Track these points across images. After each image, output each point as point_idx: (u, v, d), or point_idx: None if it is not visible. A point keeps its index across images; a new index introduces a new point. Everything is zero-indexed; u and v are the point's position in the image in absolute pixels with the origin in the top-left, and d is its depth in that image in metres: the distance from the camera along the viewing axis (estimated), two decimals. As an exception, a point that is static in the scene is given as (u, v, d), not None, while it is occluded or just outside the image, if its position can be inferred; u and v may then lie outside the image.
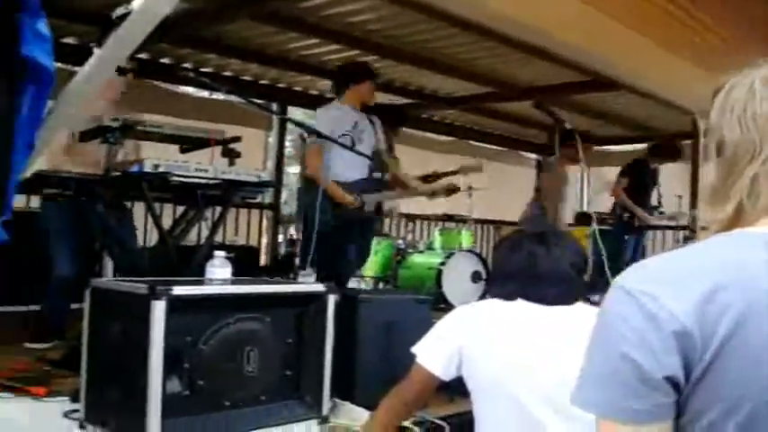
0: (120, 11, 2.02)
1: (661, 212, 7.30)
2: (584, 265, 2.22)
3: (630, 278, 1.02)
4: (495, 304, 2.13)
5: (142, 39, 2.09)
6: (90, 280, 2.63)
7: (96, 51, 2.11)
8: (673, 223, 7.78)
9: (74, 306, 3.89)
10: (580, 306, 2.11)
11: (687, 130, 7.88)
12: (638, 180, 7.08)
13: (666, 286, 0.97)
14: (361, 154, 4.53)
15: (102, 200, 3.54)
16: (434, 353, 2.10)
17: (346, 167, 4.63)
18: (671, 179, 8.44)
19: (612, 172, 8.64)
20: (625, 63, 5.66)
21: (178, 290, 2.35)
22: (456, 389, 2.26)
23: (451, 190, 5.38)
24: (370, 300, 3.28)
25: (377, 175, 4.93)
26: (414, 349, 2.15)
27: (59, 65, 4.16)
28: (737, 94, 1.07)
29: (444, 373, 2.08)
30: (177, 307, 2.34)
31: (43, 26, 2.00)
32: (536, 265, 2.08)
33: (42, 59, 1.93)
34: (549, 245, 2.11)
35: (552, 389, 1.92)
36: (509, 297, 2.11)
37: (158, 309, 2.29)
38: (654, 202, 7.32)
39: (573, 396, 1.03)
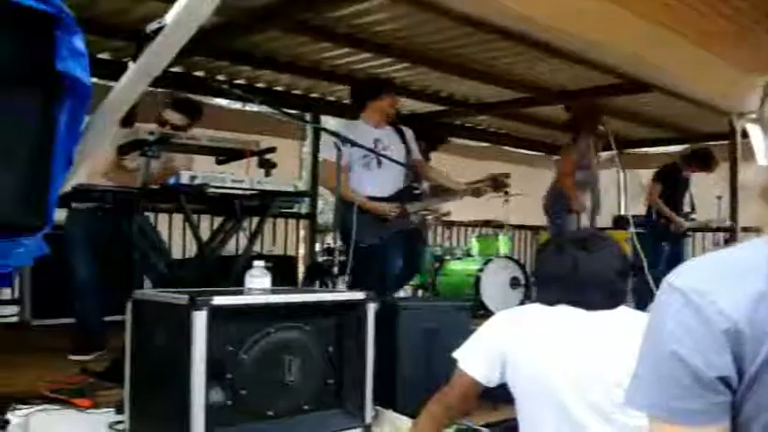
0: (153, 25, 2.04)
1: (692, 219, 7.19)
2: (628, 269, 2.18)
3: (682, 277, 1.01)
4: (537, 309, 2.11)
5: (176, 52, 2.10)
6: (132, 292, 2.65)
7: (131, 66, 2.13)
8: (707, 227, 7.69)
9: (116, 318, 3.94)
10: (623, 310, 2.08)
11: (724, 131, 7.76)
12: (672, 186, 6.98)
13: (718, 285, 0.95)
14: (393, 160, 4.44)
15: (140, 212, 3.57)
16: (476, 358, 2.08)
17: (375, 184, 4.51)
18: (709, 180, 8.32)
19: (648, 174, 8.56)
20: (659, 64, 5.60)
21: (218, 300, 2.36)
22: (500, 396, 2.23)
23: (499, 184, 5.16)
24: (410, 307, 3.26)
25: (415, 185, 4.88)
26: (455, 354, 2.13)
27: (96, 80, 4.25)
28: None
29: (486, 378, 2.05)
30: (218, 317, 2.34)
31: (79, 42, 2.03)
32: (579, 271, 2.05)
33: (79, 74, 1.95)
34: (591, 249, 2.08)
35: (596, 393, 1.91)
36: (552, 302, 2.08)
37: (199, 319, 2.29)
38: (687, 208, 7.21)
39: (626, 397, 1.02)
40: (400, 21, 5.31)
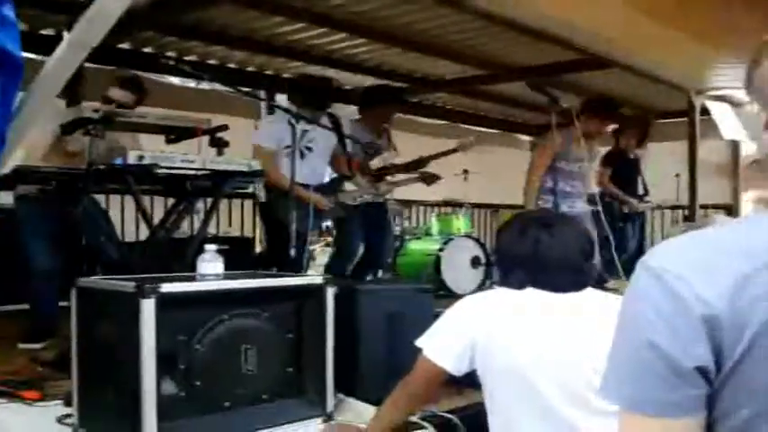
0: (90, -9, 1.88)
1: (646, 201, 7.22)
2: (592, 250, 2.11)
3: (657, 258, 0.92)
4: (504, 293, 2.03)
5: (113, 21, 1.94)
6: (76, 279, 2.49)
7: (66, 36, 1.96)
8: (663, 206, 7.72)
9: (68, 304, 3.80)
10: (591, 291, 2.02)
11: (681, 108, 7.79)
12: (621, 168, 6.96)
13: (697, 268, 0.88)
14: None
15: (87, 194, 3.40)
16: (443, 346, 1.98)
17: (300, 174, 4.21)
18: (668, 157, 8.36)
19: (603, 152, 8.58)
20: (618, 39, 5.55)
21: (167, 287, 2.22)
22: (464, 381, 2.14)
23: (428, 179, 5.40)
24: (370, 291, 3.14)
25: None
26: (419, 342, 2.03)
27: (35, 56, 4.05)
28: None
29: (455, 367, 1.97)
30: (167, 305, 2.21)
31: (8, 10, 1.86)
32: (542, 252, 1.97)
33: (8, 46, 1.78)
34: (553, 230, 2.00)
35: (567, 376, 1.86)
36: (519, 286, 2.00)
37: (147, 308, 2.16)
38: (640, 191, 7.23)
39: (600, 388, 0.96)
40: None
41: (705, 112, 7.52)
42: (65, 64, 2.04)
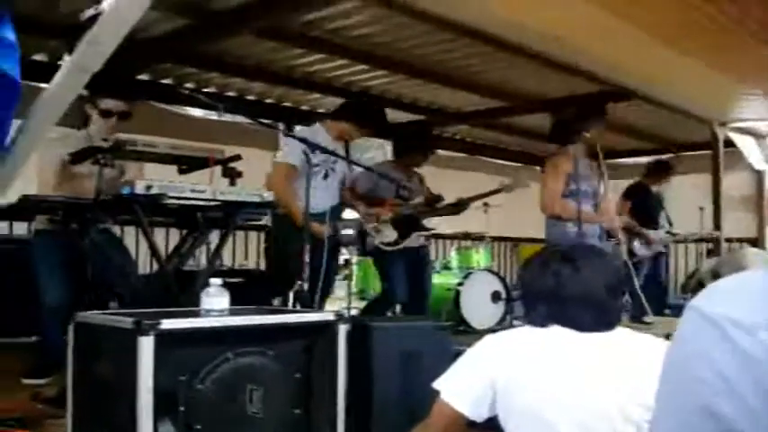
0: (89, 12, 1.78)
1: (669, 233, 7.05)
2: (620, 286, 1.96)
3: (713, 302, 0.75)
4: (527, 332, 1.88)
5: (116, 44, 1.84)
6: (75, 313, 2.38)
7: (66, 60, 1.87)
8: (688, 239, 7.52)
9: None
10: (621, 332, 1.86)
11: (703, 140, 7.64)
12: (642, 202, 6.81)
13: (763, 313, 0.70)
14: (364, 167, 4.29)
15: (94, 225, 3.31)
16: (462, 389, 1.83)
17: (316, 197, 4.01)
18: (692, 190, 8.19)
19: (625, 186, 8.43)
20: (643, 72, 5.45)
21: (168, 323, 2.10)
22: (480, 424, 1.99)
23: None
24: (385, 327, 2.98)
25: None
26: (436, 384, 1.88)
27: (32, 83, 3.99)
28: None
29: (474, 411, 1.81)
30: (168, 342, 2.09)
31: (7, 31, 1.79)
32: (562, 287, 1.83)
33: (4, 65, 1.70)
34: (577, 263, 1.85)
35: (591, 420, 1.71)
36: (542, 323, 1.86)
37: (146, 345, 2.03)
38: (665, 225, 7.07)
39: None
40: (377, 25, 5.10)
41: (728, 144, 7.37)
42: (65, 89, 1.95)
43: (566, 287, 1.83)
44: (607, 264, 1.91)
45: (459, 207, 5.35)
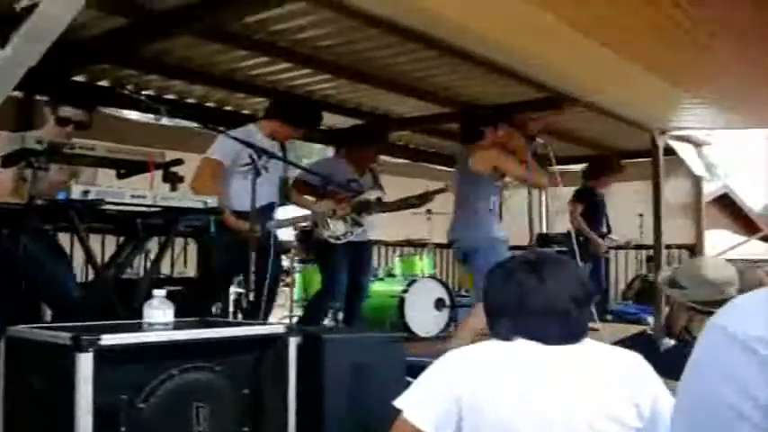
0: (24, 1, 1.64)
1: (610, 238, 7.24)
2: (588, 297, 1.92)
3: (736, 319, 0.70)
4: (492, 346, 1.82)
5: (55, 36, 1.71)
6: (4, 328, 2.22)
7: (0, 53, 1.73)
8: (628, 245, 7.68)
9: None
10: (588, 343, 1.82)
11: (643, 147, 7.76)
12: (590, 206, 6.96)
13: None
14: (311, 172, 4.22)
15: (26, 231, 3.13)
16: (426, 407, 1.76)
17: (246, 197, 3.98)
18: (631, 197, 8.32)
19: (570, 191, 8.51)
20: (584, 77, 5.48)
21: (108, 339, 1.98)
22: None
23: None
24: (336, 339, 2.89)
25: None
26: (398, 403, 1.80)
27: None
28: None
29: (438, 430, 1.74)
30: (108, 359, 1.96)
31: None
32: (526, 299, 1.77)
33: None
34: (541, 274, 1.80)
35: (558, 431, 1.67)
36: (506, 336, 1.80)
37: (84, 362, 1.91)
38: (603, 229, 7.23)
39: None
40: (322, 27, 4.99)
41: (667, 152, 7.51)
42: (-2, 85, 1.80)
43: (530, 299, 1.78)
44: (573, 274, 1.86)
45: (406, 204, 5.39)
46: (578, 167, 9.38)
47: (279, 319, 5.70)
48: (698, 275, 2.56)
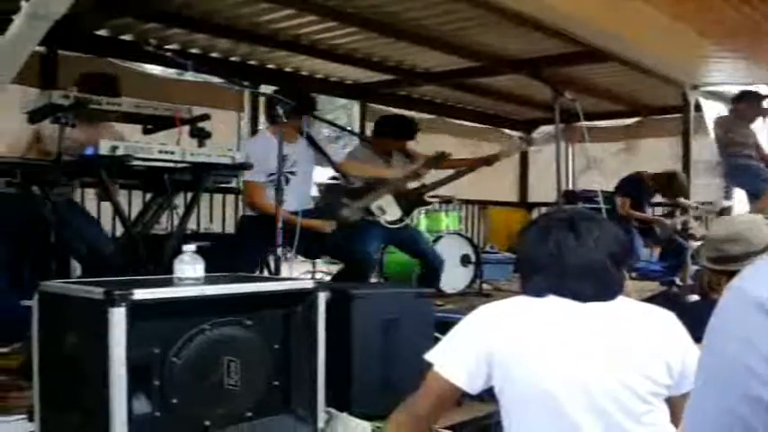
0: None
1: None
2: (625, 255, 1.88)
3: (759, 282, 0.69)
4: (523, 302, 1.80)
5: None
6: (38, 282, 2.24)
7: (24, 6, 1.70)
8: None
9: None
10: (622, 301, 1.79)
11: (675, 104, 7.62)
12: (637, 197, 6.98)
13: None
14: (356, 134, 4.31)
15: (54, 188, 3.13)
16: (457, 361, 1.75)
17: (294, 199, 4.12)
18: (660, 156, 8.20)
19: (596, 148, 8.40)
20: (616, 30, 5.36)
21: (140, 293, 1.97)
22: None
23: (433, 164, 5.20)
24: (365, 295, 2.88)
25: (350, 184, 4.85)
26: (429, 356, 1.79)
27: None
28: None
29: (470, 384, 1.73)
30: (140, 314, 1.96)
31: None
32: (564, 257, 1.74)
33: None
34: (579, 232, 1.77)
35: (593, 392, 1.65)
36: (539, 293, 1.78)
37: (117, 317, 1.91)
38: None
39: None
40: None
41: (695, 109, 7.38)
42: (24, 38, 1.78)
43: (568, 257, 1.74)
44: (610, 231, 1.83)
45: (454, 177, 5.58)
46: (606, 123, 9.29)
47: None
48: (733, 233, 2.52)
